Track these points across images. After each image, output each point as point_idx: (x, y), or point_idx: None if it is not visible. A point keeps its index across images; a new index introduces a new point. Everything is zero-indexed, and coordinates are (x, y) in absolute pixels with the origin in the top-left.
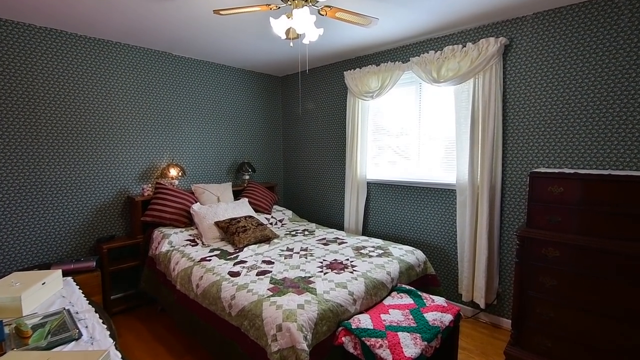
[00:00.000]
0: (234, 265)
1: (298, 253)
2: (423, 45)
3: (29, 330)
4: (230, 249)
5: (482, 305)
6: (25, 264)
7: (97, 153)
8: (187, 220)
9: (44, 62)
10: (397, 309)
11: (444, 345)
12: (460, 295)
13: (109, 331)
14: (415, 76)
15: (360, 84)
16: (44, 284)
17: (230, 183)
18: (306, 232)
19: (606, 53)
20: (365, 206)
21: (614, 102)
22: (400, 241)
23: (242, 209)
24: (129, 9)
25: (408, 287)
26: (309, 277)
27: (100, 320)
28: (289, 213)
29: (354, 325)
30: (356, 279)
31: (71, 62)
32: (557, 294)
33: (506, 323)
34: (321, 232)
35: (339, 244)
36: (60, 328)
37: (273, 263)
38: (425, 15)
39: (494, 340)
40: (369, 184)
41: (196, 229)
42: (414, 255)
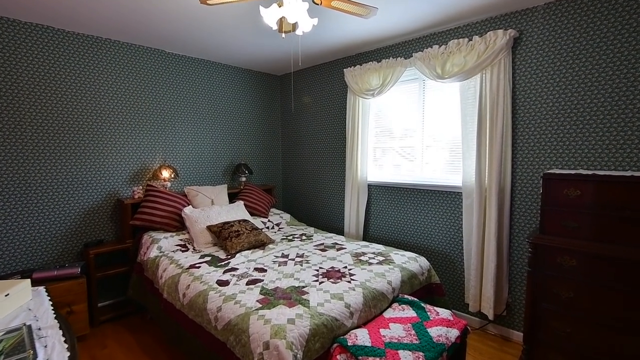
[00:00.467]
0: (224, 273)
1: (293, 260)
2: (426, 39)
3: None
4: (222, 255)
5: (491, 316)
6: (9, 270)
7: (86, 154)
8: (179, 224)
9: (30, 59)
10: (399, 323)
11: None
12: (467, 305)
13: (69, 352)
14: (418, 73)
15: (361, 81)
16: (7, 295)
17: (226, 185)
18: (304, 237)
19: (625, 44)
20: (366, 210)
21: (634, 98)
22: (402, 247)
23: (237, 212)
24: (117, 3)
25: (410, 298)
26: (303, 287)
27: (62, 339)
28: (287, 216)
29: (350, 342)
30: (354, 290)
31: (58, 60)
32: (575, 307)
33: (517, 336)
34: (319, 237)
35: (338, 250)
36: (16, 348)
37: (266, 271)
38: (429, 7)
39: (504, 355)
40: (369, 186)
41: (188, 233)
42: (417, 263)
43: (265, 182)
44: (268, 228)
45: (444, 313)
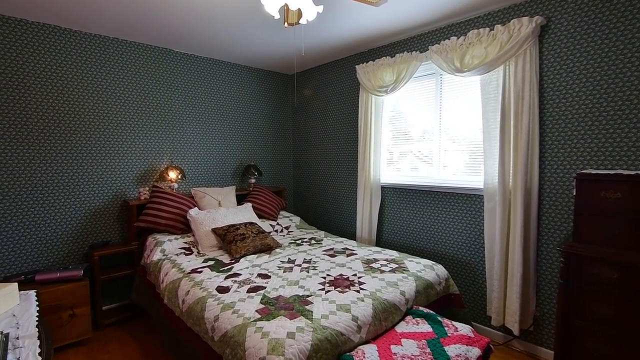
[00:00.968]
0: (225, 278)
1: (300, 266)
2: (444, 31)
3: None
4: (226, 259)
5: (516, 331)
6: (14, 271)
7: (92, 154)
8: (184, 227)
9: (37, 59)
10: (412, 339)
11: None
12: (489, 318)
13: None
14: (434, 67)
15: (374, 78)
16: None
17: (234, 187)
18: (313, 241)
19: None
20: (379, 213)
21: None
22: (418, 253)
23: (244, 214)
24: (123, 1)
25: (426, 311)
26: (307, 297)
27: (38, 351)
28: (297, 219)
29: None
30: (363, 300)
31: (65, 59)
32: (614, 326)
33: (545, 353)
34: (329, 242)
35: (348, 255)
36: None
37: (269, 277)
38: None
39: None
40: (383, 188)
41: (193, 236)
42: (433, 271)
43: (275, 184)
44: (277, 231)
45: (464, 329)
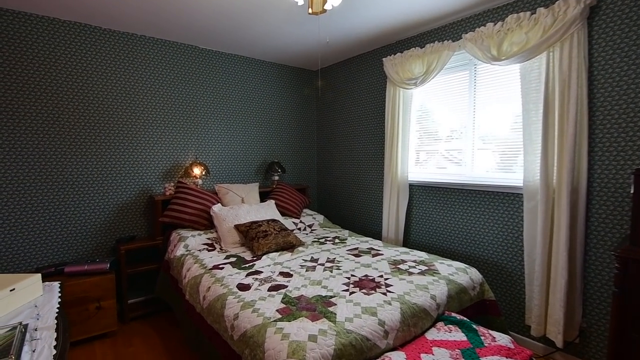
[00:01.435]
0: (247, 276)
1: (323, 265)
2: (478, 17)
3: None
4: (248, 256)
5: (559, 343)
6: (45, 262)
7: (120, 150)
8: (208, 223)
9: (68, 57)
10: (444, 348)
11: None
12: (528, 327)
13: None
14: (467, 58)
15: (402, 70)
16: (12, 290)
17: (257, 184)
18: (337, 240)
19: None
20: (407, 212)
21: None
22: (449, 256)
23: (267, 211)
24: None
25: (459, 317)
26: (330, 297)
27: (54, 344)
28: (320, 218)
29: None
30: (390, 304)
31: (95, 57)
32: None
33: None
34: (354, 241)
35: (373, 255)
36: (3, 349)
37: (291, 276)
38: None
39: None
40: (411, 186)
41: (216, 232)
42: (467, 275)
43: (299, 182)
44: (300, 229)
45: (503, 339)
